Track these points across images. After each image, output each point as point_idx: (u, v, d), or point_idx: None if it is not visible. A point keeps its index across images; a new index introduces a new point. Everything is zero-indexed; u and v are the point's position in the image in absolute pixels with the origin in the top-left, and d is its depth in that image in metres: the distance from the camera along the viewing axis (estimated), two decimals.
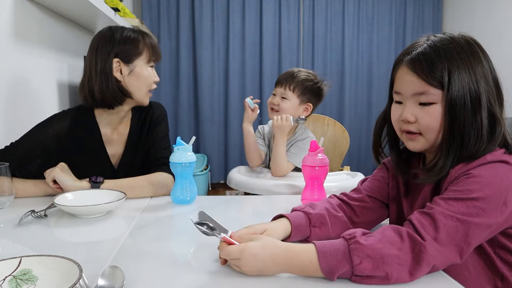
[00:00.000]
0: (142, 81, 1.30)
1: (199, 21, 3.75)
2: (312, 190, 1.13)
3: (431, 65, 0.77)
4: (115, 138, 1.36)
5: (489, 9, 3.49)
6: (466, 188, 0.72)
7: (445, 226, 0.68)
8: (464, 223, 0.69)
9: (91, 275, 0.67)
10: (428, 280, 0.69)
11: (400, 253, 0.66)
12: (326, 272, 0.67)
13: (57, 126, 1.30)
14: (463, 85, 0.76)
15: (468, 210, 0.69)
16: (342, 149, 1.92)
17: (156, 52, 1.34)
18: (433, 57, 0.77)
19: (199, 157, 3.76)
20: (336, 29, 3.99)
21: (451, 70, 0.76)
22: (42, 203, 1.10)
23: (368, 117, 4.17)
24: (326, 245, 0.69)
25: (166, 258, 0.80)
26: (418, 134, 0.81)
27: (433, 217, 0.70)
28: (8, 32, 1.46)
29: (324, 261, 0.67)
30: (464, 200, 0.71)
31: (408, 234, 0.68)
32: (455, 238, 0.68)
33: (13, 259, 0.66)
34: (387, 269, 0.65)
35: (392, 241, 0.67)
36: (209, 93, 3.84)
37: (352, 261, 0.66)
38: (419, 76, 0.78)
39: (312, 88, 1.61)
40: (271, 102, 1.63)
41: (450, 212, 0.69)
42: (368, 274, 0.65)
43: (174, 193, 1.18)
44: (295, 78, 1.59)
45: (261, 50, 3.87)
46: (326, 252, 0.68)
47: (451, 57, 0.77)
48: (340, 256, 0.67)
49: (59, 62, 1.92)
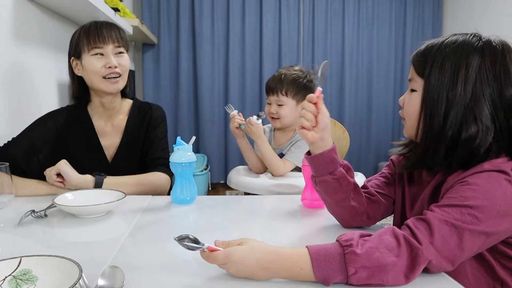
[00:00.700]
0: (89, 71, 1.30)
1: (199, 21, 3.75)
2: (312, 190, 1.13)
3: (423, 55, 0.81)
4: (108, 130, 1.39)
5: (489, 9, 3.48)
6: (460, 195, 0.72)
7: (440, 231, 0.68)
8: (458, 229, 0.68)
9: (91, 275, 0.67)
10: (428, 280, 0.69)
11: (397, 259, 0.65)
12: (320, 279, 0.66)
13: (54, 119, 1.36)
14: (444, 79, 0.77)
15: (462, 217, 0.69)
16: (342, 149, 1.92)
17: (95, 36, 1.27)
18: (430, 49, 0.81)
19: (199, 157, 3.76)
20: (336, 29, 3.99)
21: (434, 63, 0.78)
22: (42, 203, 1.10)
23: (368, 117, 4.16)
24: (321, 252, 0.67)
25: (166, 258, 0.80)
26: (404, 119, 0.88)
27: (428, 221, 0.69)
28: (8, 32, 1.46)
29: (318, 270, 0.65)
30: (459, 206, 0.70)
31: (405, 238, 0.67)
32: (450, 243, 0.68)
33: (13, 259, 0.66)
34: (383, 277, 0.65)
35: (390, 247, 0.66)
36: (209, 93, 3.84)
37: (347, 271, 0.64)
38: (412, 63, 0.84)
39: (304, 84, 1.58)
40: (269, 112, 1.61)
41: (445, 217, 0.69)
42: (363, 283, 0.65)
43: (174, 193, 1.18)
44: (284, 81, 1.55)
45: (261, 50, 3.87)
46: (320, 261, 0.66)
47: (445, 53, 0.78)
48: (335, 266, 0.65)
49: (59, 62, 1.92)
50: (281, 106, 1.57)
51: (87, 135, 1.37)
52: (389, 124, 4.22)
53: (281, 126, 1.61)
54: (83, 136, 1.36)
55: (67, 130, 1.35)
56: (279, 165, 1.52)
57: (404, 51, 4.13)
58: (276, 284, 0.68)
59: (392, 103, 4.18)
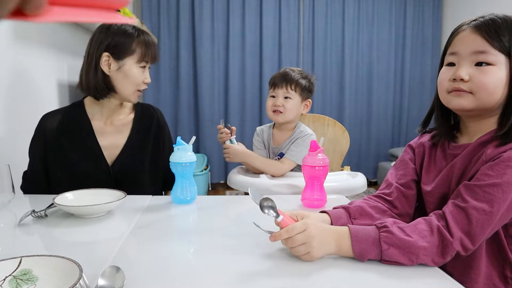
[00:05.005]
0: (129, 79, 1.28)
1: (199, 21, 3.75)
2: (312, 190, 1.13)
3: (498, 30, 0.79)
4: (108, 130, 1.35)
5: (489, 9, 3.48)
6: (501, 172, 0.74)
7: (478, 221, 0.72)
8: (492, 216, 0.72)
9: (91, 275, 0.67)
10: (428, 279, 0.69)
11: (428, 245, 0.71)
12: (357, 255, 0.73)
13: (51, 124, 1.31)
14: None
15: (497, 196, 0.73)
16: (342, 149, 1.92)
17: (151, 53, 1.30)
18: (500, 24, 0.79)
19: (199, 157, 3.76)
20: (336, 29, 3.99)
21: None
22: (42, 203, 1.10)
23: (368, 117, 4.17)
24: (359, 230, 0.75)
25: (166, 258, 0.80)
26: (468, 93, 0.80)
27: (467, 212, 0.73)
28: (8, 32, 1.46)
29: (356, 245, 0.73)
30: (497, 185, 0.73)
31: (439, 230, 0.72)
32: (486, 230, 0.73)
33: (13, 259, 0.66)
34: (413, 257, 0.71)
35: (422, 235, 0.72)
36: (209, 93, 3.84)
37: (381, 246, 0.71)
38: (483, 36, 0.79)
39: (308, 85, 1.62)
40: (274, 104, 1.60)
41: (482, 205, 0.73)
42: (395, 259, 0.71)
43: (174, 193, 1.18)
44: (293, 78, 1.59)
45: (261, 50, 3.87)
46: (358, 237, 0.74)
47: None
48: (370, 241, 0.73)
49: (59, 62, 1.92)
50: (287, 100, 1.58)
51: (84, 137, 1.32)
52: (389, 124, 4.22)
53: (283, 121, 1.61)
54: (81, 138, 1.32)
55: (63, 134, 1.31)
56: (276, 168, 1.52)
57: (404, 51, 4.13)
58: (276, 284, 0.68)
59: (392, 103, 4.19)
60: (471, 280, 0.79)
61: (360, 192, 1.41)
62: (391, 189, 0.95)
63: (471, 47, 0.80)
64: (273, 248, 0.82)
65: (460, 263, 0.79)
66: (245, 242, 0.87)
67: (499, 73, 0.78)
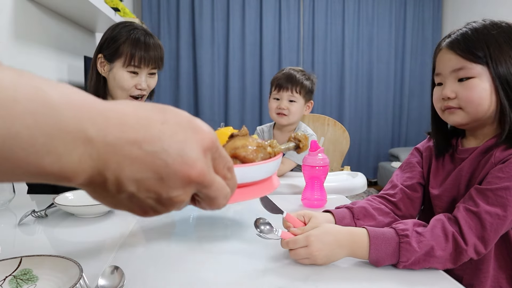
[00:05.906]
0: (116, 83, 1.23)
1: (199, 21, 3.75)
2: (312, 190, 1.13)
3: (468, 42, 0.80)
4: None
5: (489, 9, 3.49)
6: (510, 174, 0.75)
7: (492, 226, 0.72)
8: (506, 220, 0.72)
9: (91, 275, 0.67)
10: (428, 280, 0.69)
11: (443, 253, 0.71)
12: (373, 261, 0.72)
13: None
14: (507, 62, 0.78)
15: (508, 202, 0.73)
16: (342, 149, 1.92)
17: (142, 56, 1.21)
18: (470, 36, 0.80)
19: None
20: (336, 29, 3.99)
21: (490, 46, 0.78)
22: (42, 203, 1.10)
23: (368, 117, 4.17)
24: (379, 236, 0.72)
25: (166, 258, 0.80)
26: (458, 108, 0.83)
27: (480, 216, 0.73)
28: (8, 32, 1.46)
29: (374, 251, 0.71)
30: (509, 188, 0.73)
31: (454, 237, 0.72)
32: (499, 233, 0.73)
33: (13, 259, 0.66)
34: (426, 264, 0.71)
35: (438, 242, 0.72)
36: (209, 93, 3.84)
37: (400, 257, 0.70)
38: (456, 53, 0.81)
39: (311, 86, 1.62)
40: (278, 107, 1.60)
41: (495, 209, 0.73)
42: (408, 267, 0.71)
43: None
44: (298, 80, 1.58)
45: (261, 50, 3.87)
46: (377, 244, 0.71)
47: (490, 35, 0.79)
48: (389, 251, 0.71)
49: (59, 62, 1.92)
50: (292, 103, 1.58)
51: None
52: (389, 124, 4.22)
53: (287, 123, 1.62)
54: None
55: None
56: None
57: (404, 51, 4.13)
58: (276, 284, 0.68)
59: (392, 103, 4.19)
60: (480, 283, 0.79)
61: (360, 192, 1.41)
62: (396, 190, 0.95)
63: (449, 66, 0.83)
64: (273, 248, 0.82)
65: (469, 266, 0.79)
66: (245, 242, 0.87)
67: (482, 84, 0.79)
